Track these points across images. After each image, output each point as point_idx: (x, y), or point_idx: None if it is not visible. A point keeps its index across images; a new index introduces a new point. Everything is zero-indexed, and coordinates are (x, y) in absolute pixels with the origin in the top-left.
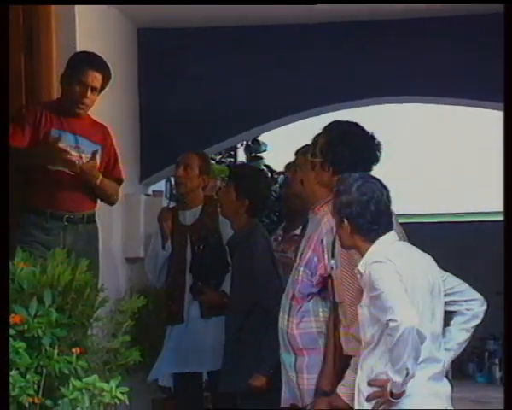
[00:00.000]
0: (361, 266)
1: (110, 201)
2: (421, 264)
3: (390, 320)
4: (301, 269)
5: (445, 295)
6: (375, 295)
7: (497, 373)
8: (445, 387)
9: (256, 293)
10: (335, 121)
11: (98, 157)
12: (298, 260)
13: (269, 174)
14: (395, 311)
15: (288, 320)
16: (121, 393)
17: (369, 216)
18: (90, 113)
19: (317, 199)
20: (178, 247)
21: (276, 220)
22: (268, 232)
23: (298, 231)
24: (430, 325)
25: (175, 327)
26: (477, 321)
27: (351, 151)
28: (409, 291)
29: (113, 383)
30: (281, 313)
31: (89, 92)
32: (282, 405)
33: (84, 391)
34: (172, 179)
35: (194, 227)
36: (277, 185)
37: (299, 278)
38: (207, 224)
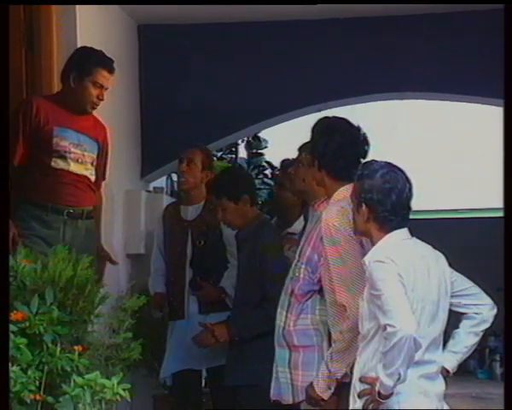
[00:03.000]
0: (366, 259)
1: None
2: (428, 265)
3: (388, 325)
4: (302, 266)
5: (454, 296)
6: (376, 295)
7: (498, 370)
8: (436, 386)
9: (267, 286)
10: (322, 117)
11: (96, 154)
12: (297, 257)
13: (270, 170)
14: (394, 316)
15: (286, 317)
16: (123, 390)
17: (389, 206)
18: None
19: (316, 195)
20: (179, 242)
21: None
22: None
23: (291, 230)
24: (428, 328)
25: (176, 323)
26: (486, 325)
27: (331, 144)
28: (409, 294)
29: (114, 380)
30: (279, 309)
31: (104, 93)
32: (271, 398)
33: (85, 388)
34: (173, 176)
35: (196, 223)
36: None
37: (301, 275)
38: (209, 220)
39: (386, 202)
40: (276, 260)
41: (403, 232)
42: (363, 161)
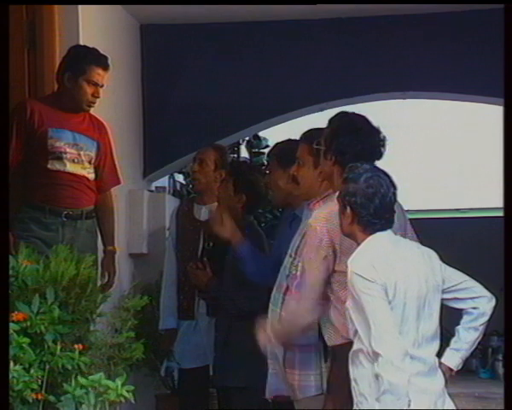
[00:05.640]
0: (350, 263)
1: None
2: (412, 264)
3: (378, 354)
4: (299, 264)
5: (449, 292)
6: (361, 309)
7: (501, 369)
8: (434, 384)
9: (243, 293)
10: (342, 112)
11: (94, 152)
12: (293, 255)
13: None
14: (382, 343)
15: (280, 314)
16: (127, 391)
17: (372, 209)
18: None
19: (312, 194)
20: (191, 241)
21: (271, 218)
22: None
23: None
24: (414, 324)
25: (185, 323)
26: (485, 318)
27: (354, 142)
28: (390, 297)
29: (118, 381)
30: (271, 306)
31: (100, 90)
32: (267, 395)
33: (89, 389)
34: (176, 175)
35: (208, 224)
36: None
37: (298, 273)
38: None
39: (369, 205)
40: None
41: (386, 234)
42: (377, 162)
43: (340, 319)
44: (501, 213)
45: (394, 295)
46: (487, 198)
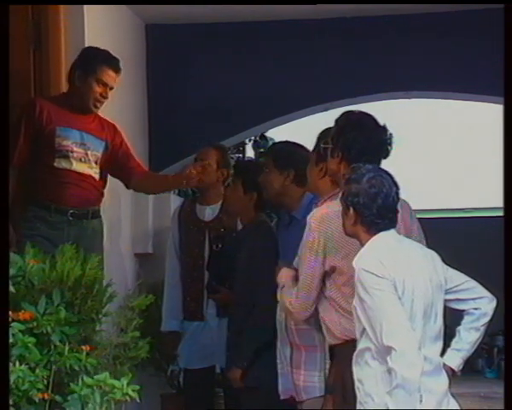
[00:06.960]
0: (356, 262)
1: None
2: (416, 262)
3: (391, 348)
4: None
5: (451, 292)
6: (370, 307)
7: None
8: (439, 384)
9: (255, 290)
10: (348, 111)
11: (101, 153)
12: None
13: None
14: (395, 337)
15: (286, 315)
16: (132, 390)
17: (375, 209)
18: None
19: (320, 194)
20: (196, 243)
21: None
22: None
23: None
24: (421, 322)
25: (193, 324)
26: (486, 319)
27: (360, 139)
28: (399, 293)
29: (124, 381)
30: (279, 306)
31: (108, 92)
32: (282, 397)
33: (95, 388)
34: None
35: (213, 224)
36: None
37: None
38: (226, 222)
39: (372, 205)
40: (267, 266)
41: (389, 233)
42: (383, 160)
43: (333, 319)
44: (501, 213)
45: (403, 291)
46: (487, 198)
